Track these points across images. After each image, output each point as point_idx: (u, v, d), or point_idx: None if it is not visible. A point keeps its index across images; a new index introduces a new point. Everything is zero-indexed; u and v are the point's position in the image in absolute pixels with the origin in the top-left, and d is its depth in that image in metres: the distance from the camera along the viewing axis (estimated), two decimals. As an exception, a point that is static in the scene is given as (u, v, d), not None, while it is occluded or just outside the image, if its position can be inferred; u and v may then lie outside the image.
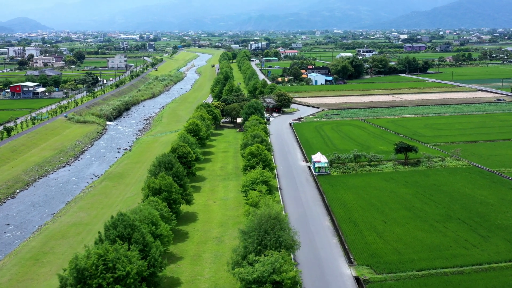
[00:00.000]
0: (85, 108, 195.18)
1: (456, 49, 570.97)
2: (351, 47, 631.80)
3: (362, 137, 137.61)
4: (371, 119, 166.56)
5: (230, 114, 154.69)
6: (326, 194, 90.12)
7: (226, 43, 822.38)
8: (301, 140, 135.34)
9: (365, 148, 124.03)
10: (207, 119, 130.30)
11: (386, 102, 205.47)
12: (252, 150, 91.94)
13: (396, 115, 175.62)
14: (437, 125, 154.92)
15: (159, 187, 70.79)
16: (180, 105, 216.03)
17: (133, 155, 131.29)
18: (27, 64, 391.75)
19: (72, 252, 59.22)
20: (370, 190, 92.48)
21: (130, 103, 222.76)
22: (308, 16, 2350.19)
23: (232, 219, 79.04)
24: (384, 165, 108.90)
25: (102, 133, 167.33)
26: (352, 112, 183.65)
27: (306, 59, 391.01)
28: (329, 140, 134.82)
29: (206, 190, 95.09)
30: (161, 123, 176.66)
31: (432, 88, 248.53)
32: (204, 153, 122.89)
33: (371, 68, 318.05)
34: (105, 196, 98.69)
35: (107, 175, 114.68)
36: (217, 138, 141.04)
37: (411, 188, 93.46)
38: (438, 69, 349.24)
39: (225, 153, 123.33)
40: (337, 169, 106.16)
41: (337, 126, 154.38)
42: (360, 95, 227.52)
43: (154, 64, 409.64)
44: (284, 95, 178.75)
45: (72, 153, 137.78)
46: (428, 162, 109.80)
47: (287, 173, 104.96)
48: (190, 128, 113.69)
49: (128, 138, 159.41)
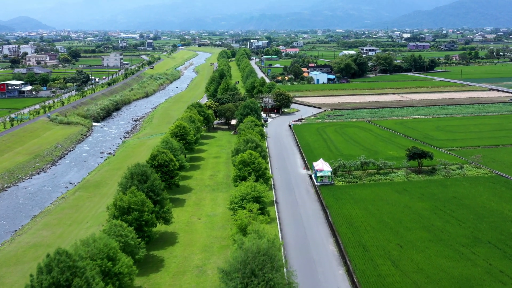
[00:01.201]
0: (71, 108, 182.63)
1: (461, 48, 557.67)
2: (353, 46, 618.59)
3: (368, 141, 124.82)
4: (378, 121, 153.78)
5: (224, 115, 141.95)
6: (329, 209, 77.44)
7: (226, 42, 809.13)
8: (301, 144, 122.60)
9: (373, 153, 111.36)
10: (197, 121, 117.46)
11: (393, 102, 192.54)
12: (244, 158, 79.29)
13: (404, 116, 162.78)
14: (450, 127, 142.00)
15: (128, 205, 58.20)
16: (173, 104, 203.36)
17: (115, 161, 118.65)
18: (20, 62, 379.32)
19: (23, 283, 46.86)
20: (381, 204, 79.78)
21: (121, 103, 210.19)
22: (310, 15, 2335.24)
23: (218, 241, 66.38)
24: (395, 174, 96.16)
25: (86, 135, 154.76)
26: (356, 112, 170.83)
27: (307, 57, 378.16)
28: (332, 144, 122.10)
29: (191, 203, 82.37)
30: (151, 124, 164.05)
31: (441, 87, 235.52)
32: (193, 158, 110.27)
33: (376, 67, 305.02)
34: (76, 209, 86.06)
35: (83, 183, 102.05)
36: (208, 142, 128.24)
37: (428, 201, 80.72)
38: (445, 67, 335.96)
39: (216, 159, 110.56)
40: (342, 178, 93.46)
41: (341, 128, 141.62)
42: (365, 95, 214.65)
43: (151, 62, 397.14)
44: (283, 95, 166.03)
45: (49, 157, 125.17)
46: (445, 170, 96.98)
47: (285, 183, 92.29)
48: (176, 132, 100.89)
49: (114, 141, 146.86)
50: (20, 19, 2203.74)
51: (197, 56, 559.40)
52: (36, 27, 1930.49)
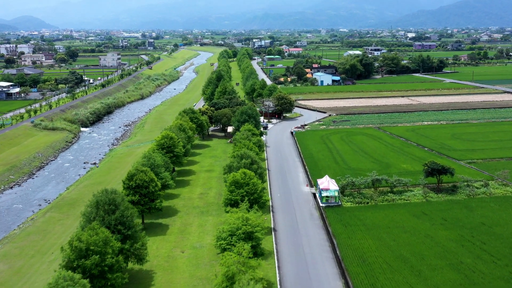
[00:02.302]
0: (59, 112, 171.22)
1: (469, 48, 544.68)
2: (358, 46, 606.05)
3: (378, 151, 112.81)
4: (387, 127, 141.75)
5: (220, 121, 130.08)
6: (337, 239, 65.66)
7: (229, 41, 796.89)
8: (304, 154, 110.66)
9: (384, 166, 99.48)
10: (188, 130, 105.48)
11: (402, 106, 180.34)
12: (237, 178, 67.53)
13: (416, 122, 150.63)
14: (466, 135, 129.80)
15: (87, 246, 46.48)
16: (168, 108, 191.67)
17: (98, 173, 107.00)
18: (15, 62, 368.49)
19: None
20: (397, 232, 67.91)
21: (113, 106, 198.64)
22: (313, 15, 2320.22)
23: (203, 285, 54.59)
24: (411, 192, 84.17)
25: (72, 142, 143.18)
26: (363, 118, 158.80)
27: (311, 58, 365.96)
28: (339, 154, 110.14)
29: (175, 231, 70.55)
30: (142, 130, 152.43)
31: (452, 90, 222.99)
32: (182, 172, 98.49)
33: (382, 67, 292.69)
34: (44, 235, 74.44)
35: (57, 201, 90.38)
36: (202, 152, 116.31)
37: (452, 229, 68.79)
38: (454, 68, 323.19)
39: (208, 173, 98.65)
40: (350, 198, 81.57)
41: (348, 136, 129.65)
42: (372, 98, 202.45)
43: (150, 62, 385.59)
44: (285, 98, 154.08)
45: (26, 169, 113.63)
46: (467, 188, 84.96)
47: (285, 204, 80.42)
48: (162, 143, 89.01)
49: (101, 149, 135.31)
50: (23, 18, 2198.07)
51: (198, 56, 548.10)
52: (39, 26, 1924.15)
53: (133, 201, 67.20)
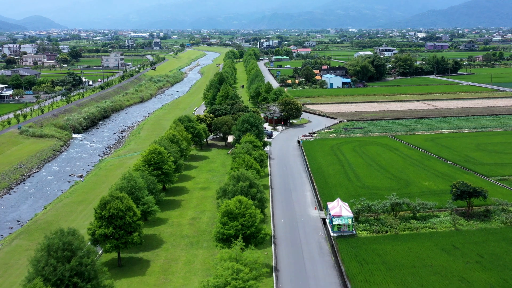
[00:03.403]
0: (51, 116, 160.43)
1: (482, 48, 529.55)
2: (368, 46, 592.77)
3: (396, 165, 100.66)
4: (404, 136, 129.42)
5: (220, 130, 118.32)
6: (352, 283, 53.80)
7: (237, 41, 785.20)
8: (312, 169, 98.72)
9: (403, 184, 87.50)
10: (182, 141, 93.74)
11: (418, 112, 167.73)
12: (231, 208, 55.83)
13: (434, 129, 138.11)
14: (493, 145, 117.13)
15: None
16: (168, 112, 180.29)
17: (81, 189, 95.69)
18: (15, 62, 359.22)
19: None
20: (425, 274, 55.95)
21: (110, 110, 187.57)
22: (322, 15, 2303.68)
23: None
24: (437, 219, 72.09)
25: (60, 151, 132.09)
26: (377, 125, 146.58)
27: (320, 58, 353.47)
28: (351, 169, 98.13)
29: (156, 269, 58.93)
30: (138, 137, 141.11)
31: (470, 93, 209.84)
32: (174, 190, 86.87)
33: (394, 69, 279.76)
34: (4, 271, 63.06)
35: (30, 224, 79.03)
36: (198, 165, 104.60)
37: (491, 269, 56.79)
38: (470, 70, 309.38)
39: (203, 192, 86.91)
40: (366, 226, 69.66)
41: (361, 146, 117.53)
42: (385, 102, 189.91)
43: (154, 63, 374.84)
44: (292, 103, 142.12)
45: (4, 183, 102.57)
46: (503, 214, 72.75)
47: (290, 233, 68.61)
48: (149, 159, 77.38)
49: (91, 159, 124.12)
50: (33, 18, 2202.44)
51: (205, 56, 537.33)
52: (49, 26, 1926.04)
53: (106, 234, 55.85)
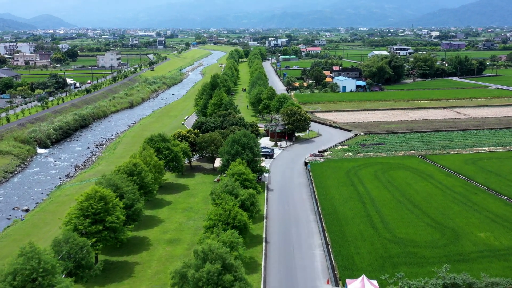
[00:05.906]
0: (17, 126, 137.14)
1: (502, 47, 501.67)
2: (380, 45, 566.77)
3: (434, 203, 75.60)
4: (436, 156, 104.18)
5: (206, 149, 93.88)
6: None
7: (244, 40, 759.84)
8: (323, 208, 73.80)
9: (450, 236, 62.84)
10: (146, 172, 68.88)
11: (448, 122, 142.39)
12: None
13: (473, 147, 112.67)
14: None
15: None
16: (156, 121, 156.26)
17: (17, 232, 71.59)
18: (6, 62, 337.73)
19: None
20: None
21: (91, 117, 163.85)
22: (332, 13, 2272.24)
23: None
24: (514, 307, 47.22)
25: (15, 172, 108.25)
26: (401, 139, 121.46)
27: (331, 58, 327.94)
28: (375, 208, 73.21)
29: None
30: (112, 154, 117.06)
31: (503, 99, 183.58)
32: (125, 246, 62.12)
33: (413, 70, 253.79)
34: None
35: None
36: (173, 199, 79.89)
37: None
38: (496, 71, 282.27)
39: (170, 248, 62.12)
40: (406, 320, 44.91)
41: (384, 172, 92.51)
42: (407, 109, 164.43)
43: (154, 63, 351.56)
44: (298, 114, 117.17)
45: None
46: None
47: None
48: (85, 208, 52.86)
49: (48, 184, 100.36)
50: (42, 17, 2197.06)
51: (210, 56, 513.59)
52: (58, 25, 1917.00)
53: None
